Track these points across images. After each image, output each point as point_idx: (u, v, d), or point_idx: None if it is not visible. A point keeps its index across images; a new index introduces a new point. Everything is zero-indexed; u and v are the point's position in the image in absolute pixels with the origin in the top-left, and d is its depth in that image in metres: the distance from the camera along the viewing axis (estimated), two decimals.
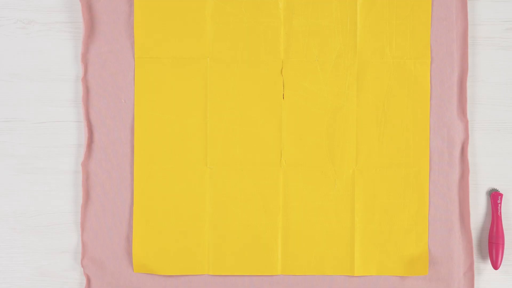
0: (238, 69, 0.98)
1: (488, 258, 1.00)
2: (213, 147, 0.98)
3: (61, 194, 1.00)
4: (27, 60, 1.00)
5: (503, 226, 0.99)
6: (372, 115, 0.98)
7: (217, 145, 0.98)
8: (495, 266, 0.98)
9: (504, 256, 1.00)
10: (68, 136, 1.00)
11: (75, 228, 1.00)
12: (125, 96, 0.98)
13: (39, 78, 1.00)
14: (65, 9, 1.00)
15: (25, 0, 1.00)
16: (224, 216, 0.98)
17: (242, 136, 0.98)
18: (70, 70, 1.00)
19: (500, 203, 0.98)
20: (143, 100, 0.98)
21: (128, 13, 0.98)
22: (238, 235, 0.98)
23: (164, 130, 0.98)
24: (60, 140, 1.00)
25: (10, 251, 1.00)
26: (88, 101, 0.98)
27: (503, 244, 0.98)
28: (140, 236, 0.98)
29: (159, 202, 0.98)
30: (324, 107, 0.98)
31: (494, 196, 0.98)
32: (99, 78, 0.98)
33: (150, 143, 0.98)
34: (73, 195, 1.00)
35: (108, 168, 0.98)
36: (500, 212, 0.98)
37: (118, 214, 0.98)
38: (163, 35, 0.98)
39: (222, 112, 0.98)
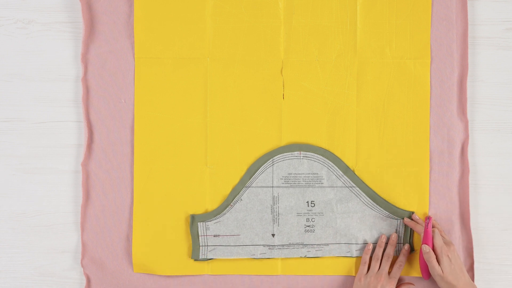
0: (238, 69, 0.98)
1: (488, 258, 1.00)
2: (213, 147, 0.98)
3: (61, 194, 1.00)
4: (27, 60, 1.00)
5: (503, 225, 0.99)
6: (372, 115, 0.98)
7: (217, 145, 0.98)
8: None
9: (504, 257, 1.00)
10: (68, 136, 1.00)
11: (75, 228, 1.00)
12: (125, 96, 0.98)
13: (39, 78, 1.00)
14: (65, 9, 1.00)
15: (25, 0, 1.00)
16: None
17: (242, 136, 0.98)
18: (70, 70, 1.00)
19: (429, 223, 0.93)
20: (143, 100, 0.98)
21: (128, 13, 0.98)
22: None
23: (164, 130, 0.98)
24: (60, 140, 1.00)
25: (10, 251, 1.00)
26: (88, 101, 0.98)
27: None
28: (140, 236, 0.98)
29: (159, 202, 0.98)
30: (324, 107, 0.98)
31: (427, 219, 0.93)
32: (99, 78, 0.98)
33: (150, 143, 0.98)
34: (73, 195, 1.00)
35: (108, 168, 0.98)
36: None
37: (118, 214, 0.98)
38: (163, 35, 0.98)
39: (222, 112, 0.98)
